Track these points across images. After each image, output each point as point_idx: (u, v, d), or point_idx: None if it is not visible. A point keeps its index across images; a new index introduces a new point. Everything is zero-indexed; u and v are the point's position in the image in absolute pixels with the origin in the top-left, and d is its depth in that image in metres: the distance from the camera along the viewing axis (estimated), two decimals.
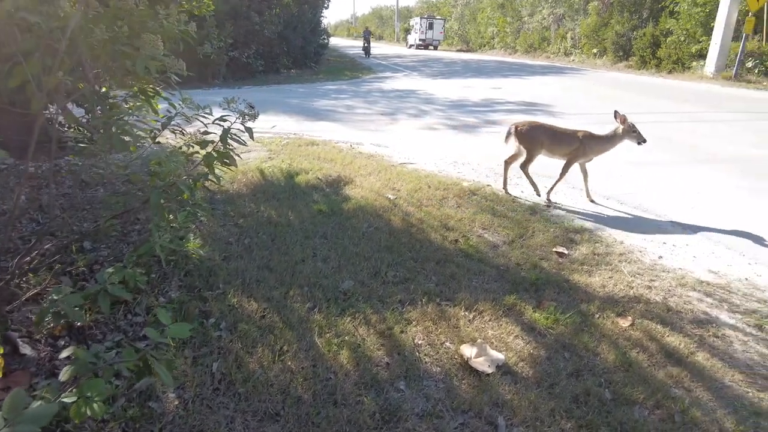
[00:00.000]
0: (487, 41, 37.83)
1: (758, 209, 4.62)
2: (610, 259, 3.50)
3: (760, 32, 16.27)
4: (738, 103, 11.60)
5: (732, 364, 2.45)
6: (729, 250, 3.75)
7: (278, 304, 2.78)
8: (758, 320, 2.82)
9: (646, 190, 5.12)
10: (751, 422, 2.11)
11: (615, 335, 2.62)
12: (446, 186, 4.83)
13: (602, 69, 21.57)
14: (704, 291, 3.12)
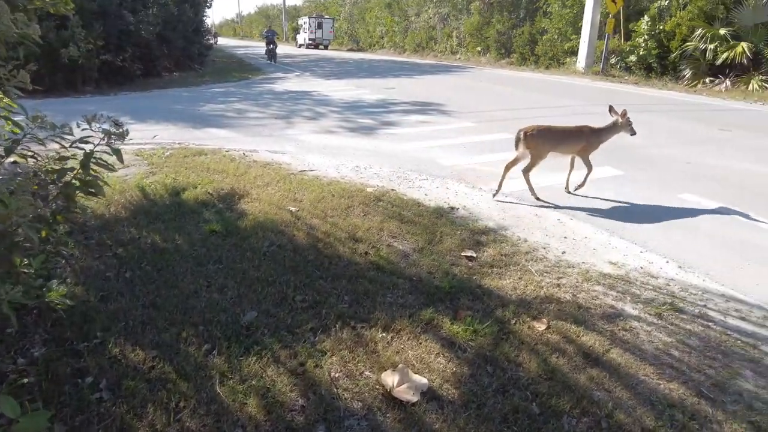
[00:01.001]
0: (377, 40, 38.28)
1: (639, 197, 4.96)
2: (517, 258, 3.51)
3: (619, 32, 17.99)
4: (606, 96, 12.68)
5: (642, 357, 2.51)
6: (623, 240, 3.95)
7: (170, 349, 2.41)
8: (657, 309, 2.94)
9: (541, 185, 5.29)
10: (667, 415, 2.15)
11: (534, 341, 2.59)
12: (350, 193, 4.64)
13: (487, 66, 22.68)
14: (608, 284, 3.22)
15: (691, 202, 4.86)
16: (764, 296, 3.18)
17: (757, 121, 9.87)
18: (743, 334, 2.76)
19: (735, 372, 2.44)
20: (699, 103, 12.23)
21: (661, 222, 4.37)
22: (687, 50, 15.44)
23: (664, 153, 6.76)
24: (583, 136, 4.81)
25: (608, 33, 17.30)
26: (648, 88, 15.06)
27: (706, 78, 15.15)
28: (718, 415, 2.16)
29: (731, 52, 14.37)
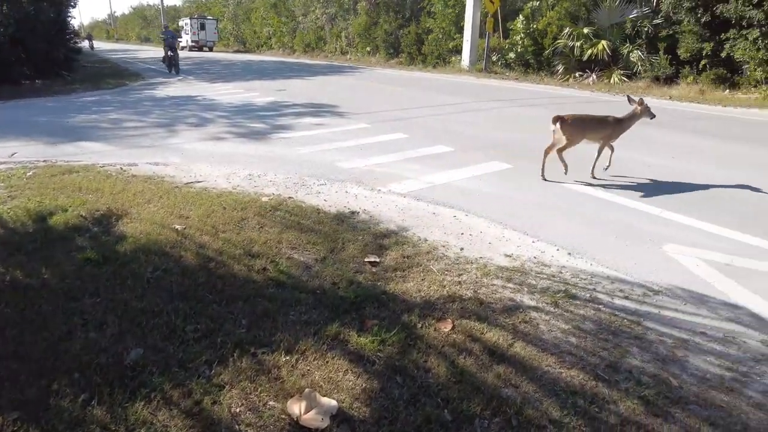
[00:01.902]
0: (265, 41, 37.33)
1: (528, 189, 5.22)
2: (419, 259, 3.50)
3: (498, 31, 19.09)
4: (491, 92, 13.38)
5: (544, 348, 2.59)
6: (515, 232, 4.11)
7: (38, 406, 2.06)
8: (552, 297, 3.07)
9: (437, 183, 5.40)
10: (570, 403, 2.22)
11: (441, 343, 2.57)
12: (244, 204, 4.38)
13: (377, 66, 22.98)
14: (505, 277, 3.32)
15: (575, 190, 5.21)
16: (643, 274, 3.46)
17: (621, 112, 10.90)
18: (628, 313, 2.96)
19: (624, 350, 2.59)
20: (572, 95, 13.30)
21: (550, 211, 4.62)
22: (558, 47, 16.75)
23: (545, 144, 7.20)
24: (608, 126, 5.47)
25: (488, 32, 18.29)
26: (527, 83, 16.13)
27: (576, 72, 16.55)
28: (614, 395, 2.27)
29: (594, 49, 15.82)
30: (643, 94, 13.70)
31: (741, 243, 4.00)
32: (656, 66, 15.01)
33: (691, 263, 3.63)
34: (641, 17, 15.72)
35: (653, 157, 6.63)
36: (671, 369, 2.48)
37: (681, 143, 7.66)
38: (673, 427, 2.10)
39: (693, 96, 13.20)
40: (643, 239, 4.02)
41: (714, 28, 13.74)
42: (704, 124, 9.54)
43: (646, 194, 5.10)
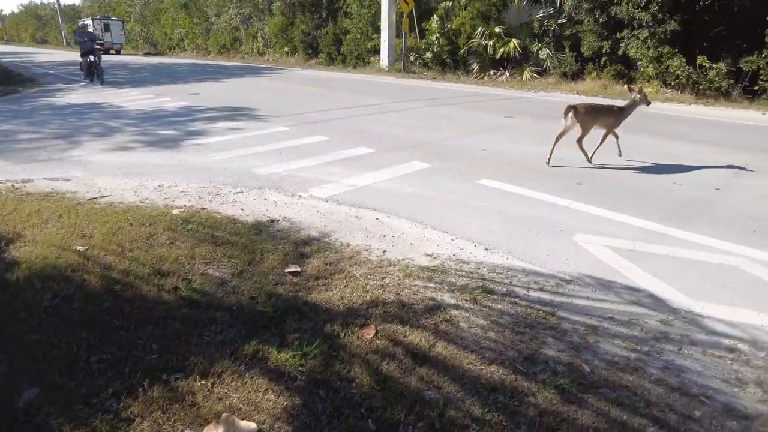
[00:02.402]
0: (177, 43, 35.71)
1: (446, 187, 5.33)
2: (342, 265, 3.46)
3: (414, 31, 19.42)
4: (410, 92, 13.59)
5: (464, 346, 2.64)
6: (435, 230, 4.18)
7: None
8: (471, 294, 3.14)
9: (359, 186, 5.38)
10: (491, 399, 2.27)
11: (363, 351, 2.54)
12: (153, 219, 4.12)
13: (296, 67, 22.65)
14: (426, 277, 3.35)
15: (490, 186, 5.38)
16: (555, 265, 3.62)
17: (533, 108, 11.46)
18: (543, 304, 3.08)
19: (540, 342, 2.70)
20: (487, 93, 13.79)
21: (467, 208, 4.74)
22: (472, 46, 17.30)
23: (462, 143, 7.41)
24: (613, 114, 6.04)
25: (405, 32, 18.56)
26: (444, 82, 16.54)
27: (491, 71, 17.18)
28: (532, 387, 2.35)
29: (506, 47, 16.49)
30: (553, 89, 14.49)
31: (642, 229, 4.30)
32: (563, 63, 15.89)
33: (599, 251, 3.86)
34: (547, 17, 16.59)
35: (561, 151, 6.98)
36: (584, 356, 2.61)
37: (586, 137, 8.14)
38: (586, 412, 2.20)
39: (597, 90, 14.11)
40: (555, 231, 4.22)
41: (611, 28, 14.75)
42: None
43: (556, 187, 5.36)
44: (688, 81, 13.29)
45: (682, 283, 3.40)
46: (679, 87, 13.56)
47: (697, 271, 3.59)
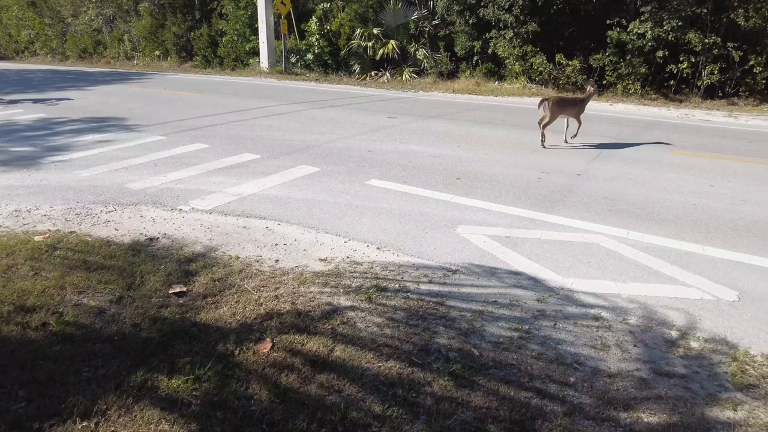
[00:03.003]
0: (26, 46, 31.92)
1: (336, 190, 5.37)
2: (232, 280, 3.35)
3: (293, 32, 19.21)
4: (293, 94, 13.44)
5: (362, 346, 2.69)
6: (328, 234, 4.20)
7: None
8: (366, 294, 3.21)
9: (245, 194, 5.22)
10: (391, 394, 2.34)
11: (260, 366, 2.49)
12: (11, 249, 3.67)
13: (169, 71, 21.34)
14: (321, 282, 3.36)
15: (378, 186, 5.52)
16: (442, 257, 3.82)
17: (414, 107, 11.90)
18: (433, 296, 3.24)
19: (432, 332, 2.83)
20: (369, 94, 14.06)
21: (358, 209, 4.81)
22: (353, 48, 17.52)
23: (349, 144, 7.50)
24: (577, 104, 7.40)
25: (284, 33, 18.29)
26: (327, 83, 16.57)
27: (372, 71, 17.53)
28: (428, 376, 2.47)
29: (385, 48, 16.93)
30: (431, 89, 15.15)
31: (516, 217, 4.68)
32: (439, 63, 16.68)
33: (479, 241, 4.13)
34: (421, 18, 17.31)
35: (441, 148, 7.36)
36: (473, 340, 2.78)
37: (463, 132, 8.65)
38: (478, 394, 2.36)
39: (471, 88, 15.01)
40: (440, 225, 4.45)
41: (480, 29, 15.77)
42: (480, 113, 10.91)
43: (439, 183, 5.64)
44: (550, 77, 14.63)
45: (553, 263, 3.76)
46: (543, 82, 14.88)
47: (565, 250, 3.99)
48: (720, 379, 2.55)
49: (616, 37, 13.51)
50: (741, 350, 2.78)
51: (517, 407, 2.28)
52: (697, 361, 2.68)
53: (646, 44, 13.12)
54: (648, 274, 3.62)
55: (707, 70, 13.08)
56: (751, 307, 3.24)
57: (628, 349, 2.76)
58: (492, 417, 2.21)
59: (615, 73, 13.97)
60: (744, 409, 2.33)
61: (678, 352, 2.76)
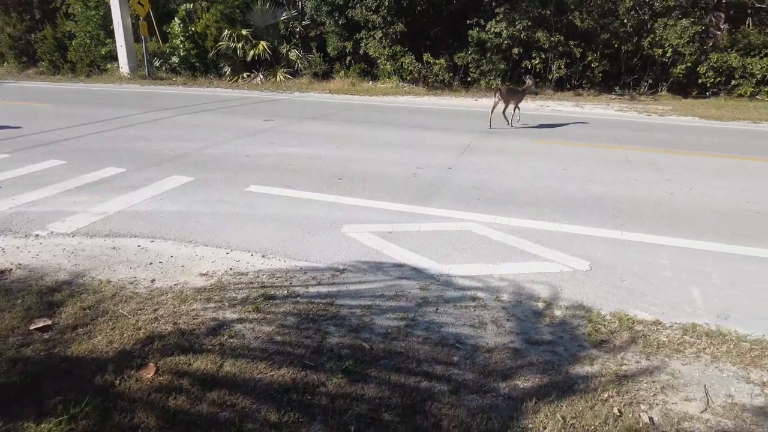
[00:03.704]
0: None
1: (214, 199, 5.18)
2: (105, 306, 3.11)
3: (155, 34, 17.98)
4: (159, 100, 12.62)
5: (253, 357, 2.66)
6: (208, 247, 4.05)
7: None
8: (253, 304, 3.16)
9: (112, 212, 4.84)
10: (285, 400, 2.35)
11: (145, 393, 2.36)
12: None
13: (8, 79, 18.86)
14: (204, 298, 3.24)
15: (259, 192, 5.42)
16: (329, 258, 3.88)
17: (291, 109, 11.80)
18: (322, 297, 3.28)
19: (324, 333, 2.88)
20: (243, 97, 13.66)
21: (239, 218, 4.69)
22: (221, 49, 16.85)
23: (225, 150, 7.26)
24: (519, 93, 9.40)
25: (144, 36, 17.05)
26: (197, 87, 15.80)
27: (244, 73, 17.03)
28: (321, 377, 2.51)
29: (256, 49, 16.53)
30: (306, 89, 15.12)
31: (397, 212, 4.88)
32: (313, 63, 16.69)
33: (365, 238, 4.25)
34: (291, 19, 17.16)
35: (321, 149, 7.41)
36: (363, 335, 2.88)
37: (342, 132, 8.78)
38: (371, 386, 2.45)
39: (347, 88, 15.23)
40: (325, 226, 4.50)
41: (350, 29, 16.04)
42: (357, 113, 11.14)
43: (321, 184, 5.69)
44: (420, 75, 15.33)
45: (432, 252, 4.00)
46: (414, 81, 15.54)
47: (442, 239, 4.25)
48: (580, 340, 2.90)
49: (477, 36, 14.54)
50: (594, 312, 3.19)
51: (408, 392, 2.41)
52: (560, 327, 3.03)
53: (503, 42, 14.29)
54: (515, 254, 4.00)
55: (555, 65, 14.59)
56: (601, 273, 3.73)
57: (503, 324, 3.03)
58: (385, 406, 2.32)
59: (478, 70, 15.03)
60: (598, 363, 2.69)
61: (545, 321, 3.10)
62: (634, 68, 15.13)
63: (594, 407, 2.33)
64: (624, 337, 2.92)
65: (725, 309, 3.30)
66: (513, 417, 2.26)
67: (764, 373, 2.64)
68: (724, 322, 3.12)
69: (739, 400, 2.43)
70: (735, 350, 2.83)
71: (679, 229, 4.58)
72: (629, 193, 5.61)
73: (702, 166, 7.02)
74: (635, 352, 2.79)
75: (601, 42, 14.44)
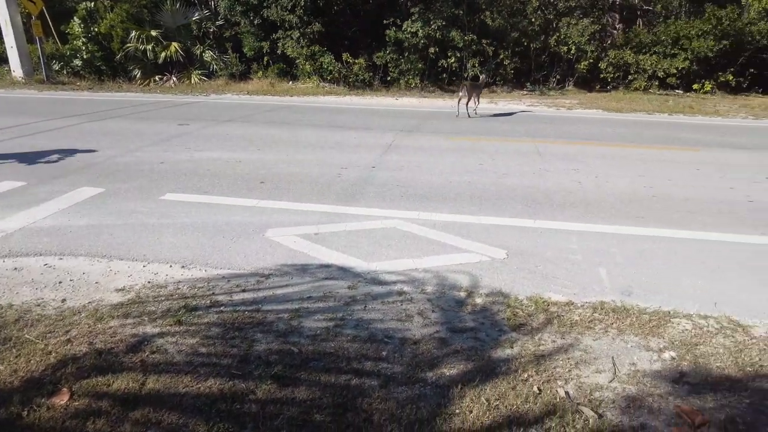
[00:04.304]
0: None
1: (127, 210, 4.92)
2: (7, 333, 2.86)
3: (51, 35, 16.68)
4: (62, 107, 11.75)
5: (177, 371, 2.57)
6: (123, 261, 3.84)
7: None
8: (175, 317, 3.04)
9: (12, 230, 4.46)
10: (214, 412, 2.30)
11: (60, 421, 2.21)
12: None
13: None
14: (122, 314, 3.08)
15: (176, 200, 5.21)
16: (253, 264, 3.81)
17: (208, 112, 11.40)
18: (248, 304, 3.23)
19: (251, 341, 2.83)
20: (156, 101, 13.02)
21: (155, 228, 4.49)
22: (130, 51, 15.96)
23: (137, 158, 6.90)
24: (479, 87, 10.99)
25: (39, 36, 15.76)
26: (104, 92, 14.86)
27: (156, 76, 16.24)
28: (250, 385, 2.47)
29: (167, 51, 15.81)
30: (223, 91, 14.68)
31: (322, 213, 4.88)
32: (229, 64, 16.22)
33: (290, 241, 4.22)
34: (204, 19, 16.57)
35: (241, 153, 7.25)
36: (291, 339, 2.86)
37: (262, 134, 8.63)
38: (301, 389, 2.45)
39: (266, 89, 14.95)
40: (248, 231, 4.42)
41: (266, 29, 15.74)
42: (277, 114, 10.97)
43: (242, 189, 5.57)
44: (340, 75, 15.36)
45: (359, 251, 4.05)
46: (334, 81, 15.54)
47: (368, 238, 4.31)
48: (500, 325, 3.06)
49: (394, 36, 14.78)
50: (512, 297, 3.38)
51: (338, 391, 2.43)
52: (482, 314, 3.18)
53: (420, 42, 14.63)
54: (438, 247, 4.14)
55: (470, 64, 15.15)
56: (517, 260, 3.94)
57: (428, 315, 3.14)
58: (317, 407, 2.33)
59: (397, 70, 15.29)
60: (518, 345, 2.85)
61: (467, 309, 3.24)
62: (543, 65, 16.06)
63: (516, 387, 2.47)
64: (540, 319, 3.12)
65: (628, 286, 3.61)
66: (441, 404, 2.35)
67: (660, 340, 2.92)
68: (627, 298, 3.42)
69: (640, 367, 2.68)
70: (637, 322, 3.10)
71: (586, 215, 4.94)
72: (541, 184, 5.97)
73: (606, 155, 7.60)
74: (551, 332, 2.99)
75: (512, 40, 15.18)
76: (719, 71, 15.49)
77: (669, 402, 2.40)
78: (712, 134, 9.93)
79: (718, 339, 2.95)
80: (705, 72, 15.52)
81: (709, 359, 2.75)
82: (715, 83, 15.54)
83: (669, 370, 2.66)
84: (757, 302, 3.42)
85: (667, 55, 15.08)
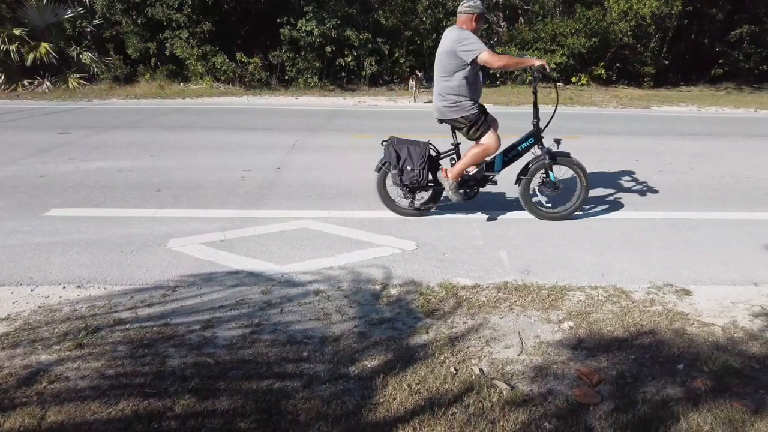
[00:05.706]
0: None
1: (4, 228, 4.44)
2: None
3: None
4: None
5: (83, 398, 2.38)
6: (5, 287, 3.46)
7: None
8: (74, 340, 2.81)
9: None
10: None
11: None
12: None
13: None
14: (10, 344, 2.77)
15: (63, 216, 4.77)
16: (157, 277, 3.61)
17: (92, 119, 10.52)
18: (155, 319, 3.06)
19: (163, 357, 2.69)
20: (28, 108, 11.77)
21: (41, 248, 4.09)
22: None
23: (12, 172, 6.22)
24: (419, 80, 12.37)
25: None
26: None
27: (24, 80, 14.67)
28: (167, 402, 2.35)
29: (37, 52, 14.34)
30: (108, 96, 13.63)
31: (227, 219, 4.73)
32: (112, 67, 15.06)
33: (195, 250, 4.04)
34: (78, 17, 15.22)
35: (133, 161, 6.80)
36: (206, 350, 2.77)
37: (155, 140, 8.14)
38: (222, 399, 2.38)
39: (155, 92, 14.09)
40: (148, 244, 4.17)
41: (152, 29, 14.81)
42: (169, 117, 10.40)
43: (137, 199, 5.24)
44: (235, 75, 14.88)
45: (270, 254, 3.99)
46: (229, 81, 15.02)
47: (279, 240, 4.26)
48: (415, 313, 3.18)
49: (289, 35, 14.59)
50: (424, 285, 3.52)
51: (261, 397, 2.40)
52: (397, 304, 3.28)
53: (315, 40, 14.57)
54: (351, 244, 4.20)
55: (367, 62, 15.36)
56: (426, 250, 4.11)
57: (346, 311, 3.18)
58: (240, 415, 2.28)
59: (294, 69, 15.12)
60: (433, 330, 2.98)
61: (383, 301, 3.32)
62: None
63: (434, 370, 2.59)
64: (451, 303, 3.28)
65: (527, 266, 3.90)
66: (365, 396, 2.41)
67: (559, 312, 3.21)
68: (527, 277, 3.70)
69: (544, 339, 2.92)
70: (537, 298, 3.37)
71: (487, 204, 5.24)
72: None
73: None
74: (462, 314, 3.16)
75: (406, 39, 15.61)
76: (592, 65, 17.12)
77: (571, 367, 2.66)
78: (591, 123, 10.95)
79: (607, 306, 3.30)
80: (581, 66, 17.08)
81: (601, 324, 3.06)
82: (589, 76, 17.15)
83: (568, 338, 2.93)
84: (636, 270, 3.86)
85: (547, 51, 16.37)
